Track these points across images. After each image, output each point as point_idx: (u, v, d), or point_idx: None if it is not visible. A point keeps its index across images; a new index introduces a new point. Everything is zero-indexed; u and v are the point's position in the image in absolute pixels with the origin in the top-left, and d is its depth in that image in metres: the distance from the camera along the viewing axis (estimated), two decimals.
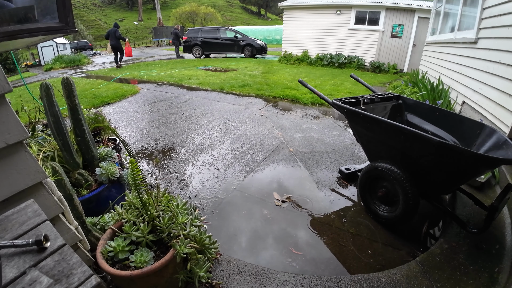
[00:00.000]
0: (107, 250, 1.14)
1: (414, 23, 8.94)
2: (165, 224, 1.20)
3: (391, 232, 1.73)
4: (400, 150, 1.67)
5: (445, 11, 5.02)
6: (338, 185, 2.27)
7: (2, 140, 0.82)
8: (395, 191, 1.66)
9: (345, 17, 9.92)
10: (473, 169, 1.44)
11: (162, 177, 2.39)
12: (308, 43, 10.78)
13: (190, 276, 1.22)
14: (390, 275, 1.39)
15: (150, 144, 3.11)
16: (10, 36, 0.81)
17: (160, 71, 8.61)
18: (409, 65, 9.18)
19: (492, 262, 1.42)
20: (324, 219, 1.86)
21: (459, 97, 3.52)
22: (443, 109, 2.04)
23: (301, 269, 1.47)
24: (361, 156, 2.77)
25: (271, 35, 25.53)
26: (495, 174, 2.06)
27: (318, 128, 3.58)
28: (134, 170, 1.16)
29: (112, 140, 2.26)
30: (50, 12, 0.92)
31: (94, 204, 1.56)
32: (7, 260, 0.60)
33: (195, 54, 13.98)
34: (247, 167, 2.56)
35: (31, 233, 0.68)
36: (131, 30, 39.13)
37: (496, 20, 2.76)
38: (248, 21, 43.73)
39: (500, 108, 2.40)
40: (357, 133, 2.08)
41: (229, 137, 3.26)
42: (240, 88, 5.77)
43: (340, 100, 2.06)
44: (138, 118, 4.03)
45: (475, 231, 1.48)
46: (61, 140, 1.54)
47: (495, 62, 2.62)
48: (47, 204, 0.98)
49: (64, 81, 1.61)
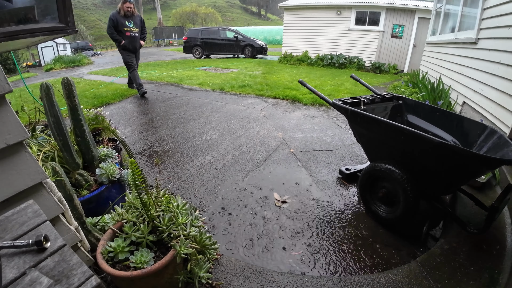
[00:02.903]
0: (107, 250, 1.14)
1: (415, 24, 8.94)
2: (165, 225, 1.20)
3: (392, 233, 1.73)
4: (400, 150, 1.67)
5: (446, 11, 5.02)
6: (339, 186, 2.27)
7: (2, 141, 0.82)
8: (396, 191, 1.66)
9: (345, 17, 9.92)
10: (474, 170, 1.44)
11: (162, 178, 2.39)
12: (308, 44, 10.79)
13: (190, 276, 1.22)
14: (390, 276, 1.39)
15: (150, 144, 3.11)
16: (10, 36, 0.81)
17: (160, 71, 8.62)
18: (410, 65, 9.18)
19: (493, 263, 1.42)
20: (324, 220, 1.86)
21: (460, 98, 3.52)
22: (443, 109, 2.03)
23: (301, 270, 1.47)
24: (361, 157, 2.77)
25: (271, 36, 25.56)
26: (495, 174, 2.05)
27: (318, 128, 3.58)
28: (134, 171, 1.16)
29: (112, 141, 2.27)
30: (50, 12, 0.92)
31: (94, 204, 1.56)
32: (7, 261, 0.60)
33: (195, 54, 14.01)
34: (247, 168, 2.56)
35: (31, 234, 0.68)
36: None
37: (496, 20, 2.76)
38: (248, 22, 43.76)
39: (500, 108, 2.40)
40: (357, 134, 2.07)
41: (229, 137, 3.26)
42: (241, 88, 5.77)
43: (341, 100, 2.06)
44: (138, 119, 4.04)
45: (475, 231, 1.47)
46: (61, 140, 1.54)
47: (495, 62, 2.62)
48: (47, 205, 0.98)
49: (64, 81, 1.61)
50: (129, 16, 4.97)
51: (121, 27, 4.91)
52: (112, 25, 4.86)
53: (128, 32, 4.98)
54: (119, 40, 4.95)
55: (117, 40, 4.96)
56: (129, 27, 4.98)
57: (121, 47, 5.05)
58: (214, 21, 34.47)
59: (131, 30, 5.02)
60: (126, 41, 4.99)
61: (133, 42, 5.12)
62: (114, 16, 4.86)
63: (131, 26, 5.00)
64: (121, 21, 4.88)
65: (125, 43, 4.98)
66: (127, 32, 4.97)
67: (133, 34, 5.06)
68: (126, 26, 4.95)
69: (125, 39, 4.98)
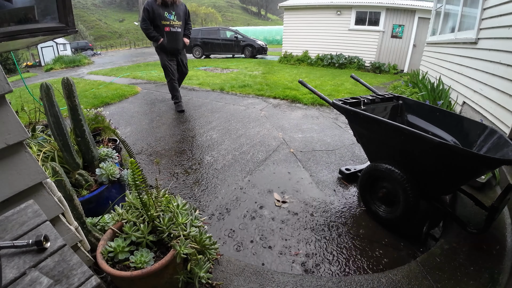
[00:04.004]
0: (107, 250, 1.14)
1: (415, 24, 8.95)
2: (165, 225, 1.20)
3: (391, 233, 1.73)
4: (400, 150, 1.67)
5: (446, 11, 5.02)
6: (339, 186, 2.27)
7: (2, 141, 0.82)
8: (396, 191, 1.66)
9: (345, 17, 9.93)
10: (474, 170, 1.44)
11: (162, 178, 2.39)
12: (308, 44, 10.79)
13: (190, 276, 1.22)
14: (390, 276, 1.39)
15: (150, 144, 3.11)
16: (10, 36, 0.81)
17: (160, 71, 8.61)
18: (410, 65, 9.18)
19: (493, 263, 1.42)
20: (325, 220, 1.86)
21: (460, 98, 3.52)
22: (443, 109, 2.03)
23: (301, 270, 1.47)
24: (361, 157, 2.77)
25: (271, 36, 25.57)
26: (495, 174, 2.05)
27: (318, 128, 3.58)
28: (134, 171, 1.16)
29: (112, 141, 2.26)
30: (50, 12, 0.92)
31: (94, 204, 1.56)
32: (7, 261, 0.60)
33: (195, 54, 14.00)
34: (247, 168, 2.56)
35: (31, 234, 0.68)
36: (131, 30, 39.20)
37: (496, 20, 2.76)
38: (248, 22, 43.77)
39: (500, 108, 2.40)
40: (357, 134, 2.07)
41: (229, 137, 3.26)
42: (240, 88, 5.77)
43: (341, 100, 2.06)
44: (138, 119, 4.03)
45: (475, 231, 1.47)
46: (61, 140, 1.54)
47: (495, 62, 2.62)
48: (47, 205, 0.98)
49: (64, 81, 1.61)
50: (170, 4, 3.61)
51: (159, 19, 3.58)
52: (147, 18, 3.57)
53: (167, 26, 3.64)
54: (157, 38, 3.65)
55: (154, 38, 3.67)
56: (169, 20, 3.64)
57: (158, 47, 3.78)
58: (214, 21, 34.48)
59: (172, 23, 3.66)
60: (165, 38, 3.71)
61: (174, 41, 3.76)
62: (150, 4, 3.54)
63: (171, 19, 3.66)
64: (158, 11, 3.55)
65: (163, 42, 3.69)
66: (166, 26, 3.63)
67: (174, 29, 3.69)
68: (165, 19, 3.62)
69: (164, 37, 3.70)
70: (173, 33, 3.72)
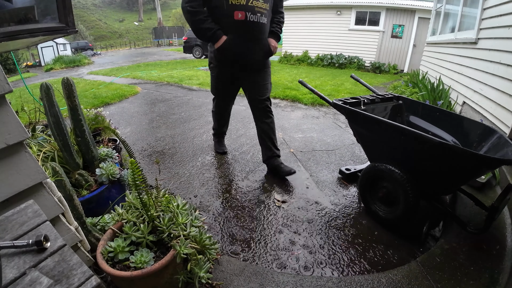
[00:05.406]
0: (107, 250, 1.14)
1: (415, 24, 8.95)
2: (165, 225, 1.20)
3: (391, 233, 1.73)
4: (400, 150, 1.67)
5: (446, 11, 5.02)
6: (339, 186, 2.27)
7: (2, 141, 0.82)
8: (396, 191, 1.66)
9: (345, 17, 9.93)
10: (474, 170, 1.44)
11: (162, 178, 2.39)
12: (308, 44, 10.79)
13: (190, 276, 1.22)
14: (390, 276, 1.39)
15: (151, 144, 3.11)
16: (10, 36, 0.81)
17: (160, 71, 8.62)
18: (410, 65, 9.18)
19: (493, 263, 1.42)
20: (324, 220, 1.86)
21: (460, 98, 3.52)
22: (443, 109, 2.04)
23: (301, 270, 1.47)
24: (361, 157, 2.77)
25: None
26: (495, 174, 2.05)
27: (318, 128, 3.58)
28: (135, 171, 1.16)
29: (112, 141, 2.26)
30: (50, 12, 0.92)
31: (94, 204, 1.56)
32: (7, 261, 0.60)
33: (195, 54, 14.01)
34: (247, 168, 2.56)
35: (31, 234, 0.68)
36: (131, 30, 39.20)
37: (496, 20, 2.76)
38: None
39: (500, 108, 2.40)
40: (357, 134, 2.07)
41: (229, 137, 3.26)
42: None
43: (341, 100, 2.06)
44: (138, 119, 4.03)
45: (475, 231, 1.48)
46: (61, 140, 1.54)
47: (495, 62, 2.62)
48: (47, 205, 0.98)
49: (64, 81, 1.61)
50: None
51: None
52: None
53: (241, 10, 1.81)
54: (214, 34, 1.88)
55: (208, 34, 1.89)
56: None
57: (215, 55, 2.06)
58: None
59: (253, 4, 1.82)
60: (233, 35, 1.89)
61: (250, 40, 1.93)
62: None
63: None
64: None
65: (227, 42, 1.90)
66: (238, 10, 1.81)
67: (254, 17, 1.85)
68: None
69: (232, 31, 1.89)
70: (252, 24, 1.87)
